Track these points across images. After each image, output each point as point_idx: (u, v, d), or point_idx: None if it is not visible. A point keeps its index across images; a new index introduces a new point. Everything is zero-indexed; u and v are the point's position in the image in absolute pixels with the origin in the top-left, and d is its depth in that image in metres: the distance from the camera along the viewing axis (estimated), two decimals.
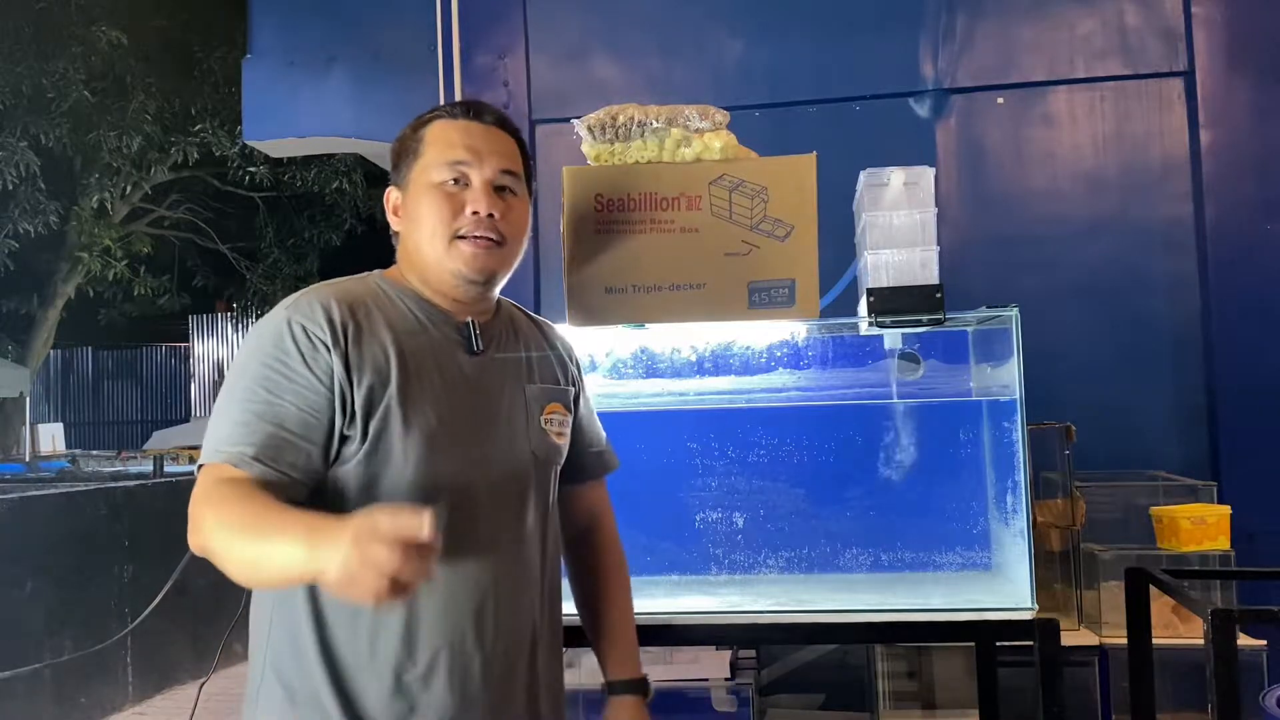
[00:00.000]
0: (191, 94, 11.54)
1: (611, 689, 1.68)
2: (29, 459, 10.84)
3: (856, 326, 2.25)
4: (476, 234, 1.49)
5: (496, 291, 1.59)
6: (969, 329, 2.30)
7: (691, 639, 2.32)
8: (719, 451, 2.33)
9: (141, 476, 6.51)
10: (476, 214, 1.49)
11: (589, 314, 1.98)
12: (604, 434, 1.79)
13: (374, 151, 4.11)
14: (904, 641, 2.83)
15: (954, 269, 2.30)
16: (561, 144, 3.40)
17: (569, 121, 2.11)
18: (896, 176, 2.16)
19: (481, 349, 1.53)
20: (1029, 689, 1.87)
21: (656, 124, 1.99)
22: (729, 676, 2.91)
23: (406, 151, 1.55)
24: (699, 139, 2.00)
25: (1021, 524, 2.02)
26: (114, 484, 5.74)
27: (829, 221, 2.00)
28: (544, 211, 3.51)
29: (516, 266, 1.58)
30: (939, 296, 2.01)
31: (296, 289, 1.54)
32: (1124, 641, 2.23)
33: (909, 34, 3.48)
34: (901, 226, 2.15)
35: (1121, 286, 3.34)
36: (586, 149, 2.05)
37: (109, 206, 12.17)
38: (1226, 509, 2.70)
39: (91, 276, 12.89)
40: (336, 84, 3.94)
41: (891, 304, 2.03)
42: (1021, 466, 2.04)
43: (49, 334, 13.41)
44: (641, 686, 1.69)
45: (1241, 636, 2.45)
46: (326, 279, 1.55)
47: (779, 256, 1.93)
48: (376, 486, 1.40)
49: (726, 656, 2.94)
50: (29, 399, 12.44)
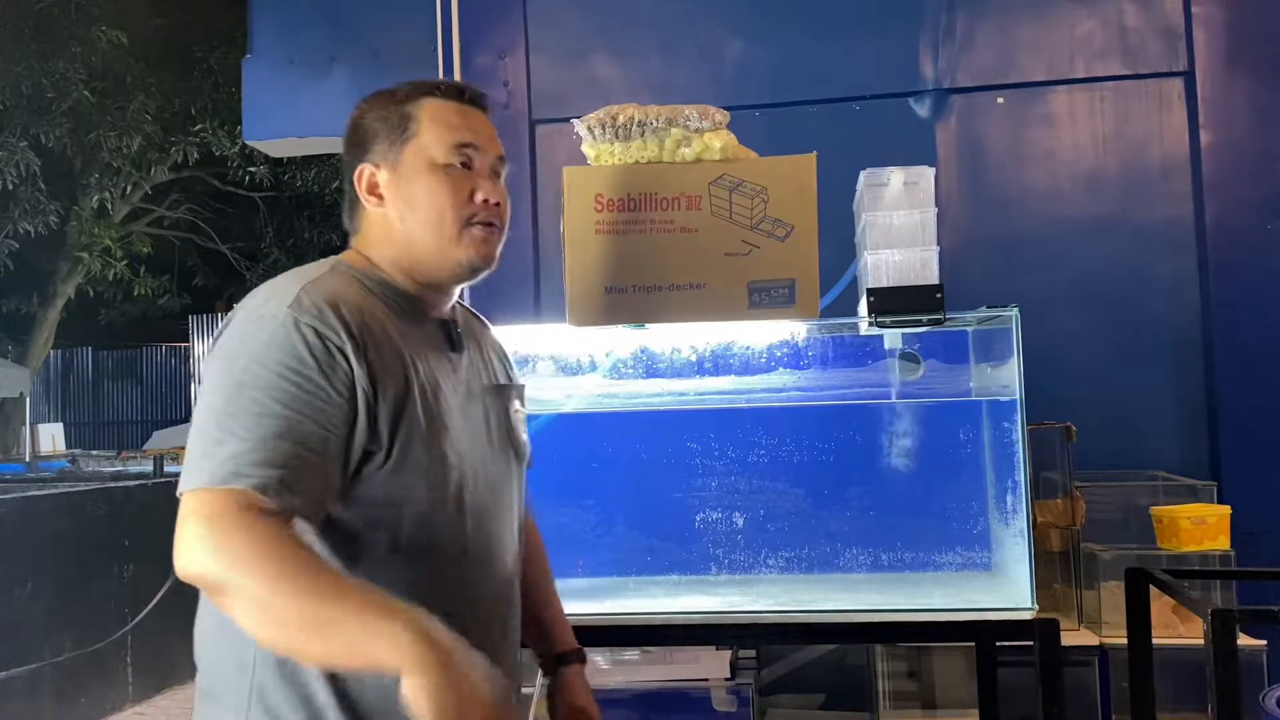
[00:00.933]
0: (191, 94, 11.55)
1: (564, 659, 1.69)
2: (29, 459, 10.83)
3: (856, 326, 2.25)
4: (487, 221, 1.43)
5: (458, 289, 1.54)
6: (969, 329, 2.30)
7: (691, 639, 2.32)
8: (719, 451, 2.33)
9: (141, 476, 6.50)
10: (487, 201, 1.43)
11: (589, 314, 1.98)
12: None
13: None
14: (904, 641, 2.83)
15: (954, 269, 2.30)
16: (561, 144, 3.40)
17: (569, 121, 2.11)
18: (896, 176, 2.16)
19: (462, 347, 1.48)
20: (1029, 689, 1.87)
21: (656, 124, 1.99)
22: (729, 676, 2.90)
23: (387, 125, 1.43)
24: (699, 139, 1.99)
25: (1021, 524, 2.02)
26: (114, 484, 5.74)
27: (829, 221, 2.00)
28: (544, 211, 3.51)
29: None
30: (939, 296, 2.01)
31: None
32: (1124, 641, 2.23)
33: (909, 34, 3.48)
34: (901, 226, 2.15)
35: (1121, 286, 3.33)
36: (586, 149, 2.05)
37: (109, 206, 12.17)
38: (1226, 509, 2.70)
39: (91, 276, 12.89)
40: (337, 84, 3.94)
41: (891, 304, 2.04)
42: (1021, 466, 2.04)
43: (49, 334, 13.41)
44: (583, 655, 1.72)
45: (1241, 636, 2.45)
46: None
47: (779, 256, 1.93)
48: (402, 500, 1.31)
49: (726, 656, 2.93)
50: (29, 399, 12.42)
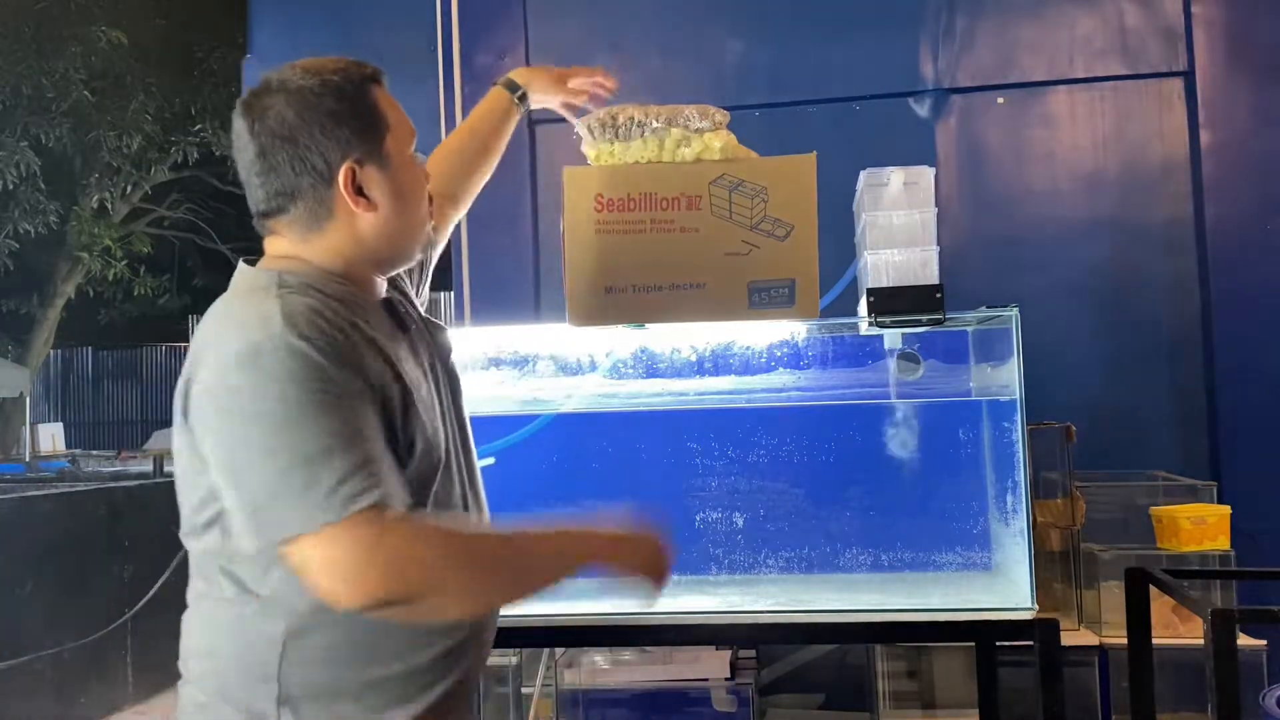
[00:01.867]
0: (191, 94, 11.55)
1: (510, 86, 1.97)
2: (29, 459, 10.83)
3: (856, 326, 2.25)
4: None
5: None
6: (969, 329, 2.30)
7: (691, 639, 2.32)
8: (719, 451, 2.33)
9: (141, 476, 6.50)
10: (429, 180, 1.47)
11: (589, 314, 1.97)
12: None
13: None
14: (904, 641, 2.83)
15: (954, 269, 2.30)
16: (561, 144, 3.39)
17: (569, 121, 2.11)
18: (896, 176, 2.16)
19: (408, 325, 1.44)
20: (1029, 689, 1.88)
21: (656, 124, 1.99)
22: (729, 676, 2.90)
23: (370, 120, 1.35)
24: (699, 139, 1.99)
25: (1021, 524, 2.02)
26: (114, 484, 5.73)
27: (829, 221, 2.00)
28: (544, 211, 3.51)
29: None
30: (939, 296, 2.01)
31: None
32: (1124, 641, 2.23)
33: (909, 34, 3.48)
34: (901, 226, 2.15)
35: (1121, 286, 3.33)
36: (586, 149, 2.05)
37: (109, 206, 12.18)
38: (1226, 509, 2.70)
39: (91, 276, 12.90)
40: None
41: (891, 304, 2.04)
42: (1021, 466, 2.04)
43: (49, 334, 13.41)
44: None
45: (1241, 636, 2.45)
46: None
47: (779, 256, 1.93)
48: (421, 483, 1.32)
49: (726, 656, 2.93)
50: (29, 399, 12.42)
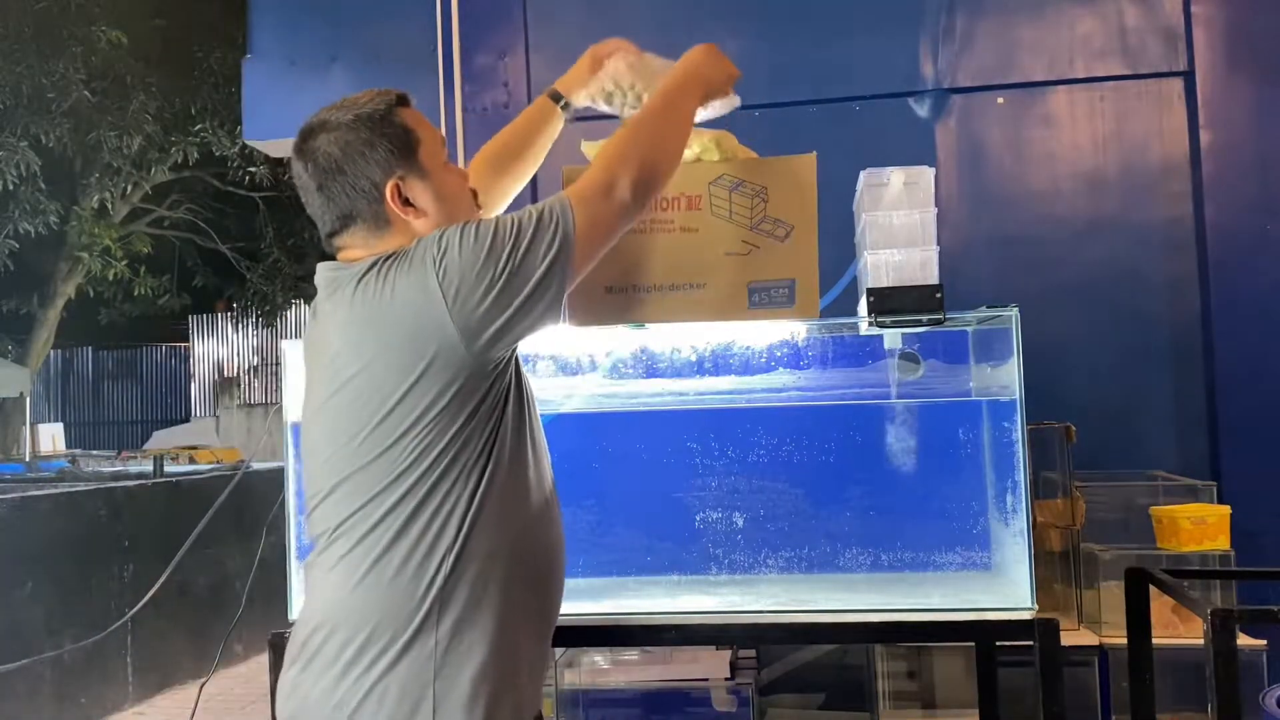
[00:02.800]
0: (191, 94, 11.53)
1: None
2: (29, 459, 10.83)
3: (856, 326, 2.25)
4: None
5: None
6: (969, 329, 2.30)
7: (691, 639, 2.32)
8: (719, 451, 2.33)
9: (141, 476, 6.50)
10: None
11: (589, 314, 1.97)
12: None
13: None
14: (904, 641, 2.83)
15: (954, 269, 2.30)
16: (562, 143, 3.39)
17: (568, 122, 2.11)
18: (896, 176, 2.16)
19: None
20: (1029, 689, 1.87)
21: None
22: (729, 676, 2.90)
23: (403, 139, 1.63)
24: (699, 139, 2.00)
25: (1021, 524, 2.02)
26: (114, 484, 5.74)
27: (829, 221, 2.00)
28: None
29: None
30: (939, 296, 2.01)
31: (297, 289, 1.53)
32: (1124, 641, 2.23)
33: (909, 34, 3.48)
34: (901, 226, 2.15)
35: (1121, 286, 3.33)
36: (586, 149, 2.05)
37: (109, 206, 12.16)
38: (1226, 509, 2.70)
39: (91, 276, 12.88)
40: (337, 84, 3.93)
41: (891, 304, 2.03)
42: (1021, 466, 2.04)
43: (49, 334, 13.39)
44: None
45: (1241, 636, 2.45)
46: None
47: (779, 256, 1.93)
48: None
49: (726, 656, 2.93)
50: (29, 399, 12.42)
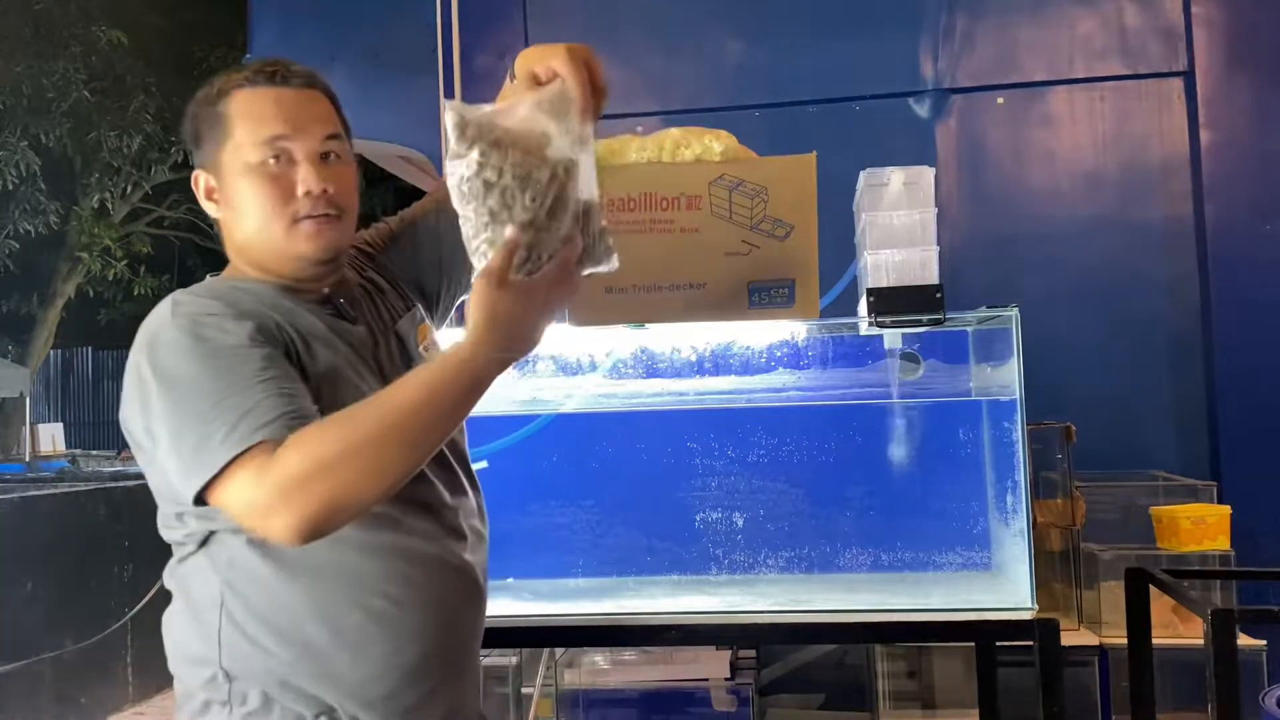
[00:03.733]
0: (191, 94, 11.47)
1: None
2: (29, 459, 10.82)
3: (856, 326, 2.25)
4: (315, 213, 1.36)
5: (344, 263, 1.48)
6: (969, 329, 2.30)
7: (691, 639, 2.32)
8: (719, 451, 2.33)
9: (141, 476, 6.49)
10: (310, 193, 1.36)
11: (589, 314, 1.97)
12: None
13: (374, 151, 4.11)
14: (904, 641, 2.83)
15: (954, 269, 2.30)
16: None
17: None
18: (896, 176, 2.16)
19: (352, 317, 1.44)
20: (1029, 689, 1.87)
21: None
22: (729, 676, 2.90)
23: (207, 127, 1.40)
24: (699, 139, 1.99)
25: (1021, 524, 2.02)
26: (114, 484, 5.73)
27: (829, 221, 1.99)
28: None
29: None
30: (939, 296, 2.01)
31: None
32: (1124, 641, 2.23)
33: (909, 34, 3.48)
34: (901, 226, 2.15)
35: (1121, 286, 3.33)
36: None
37: (109, 206, 12.16)
38: (1226, 509, 2.70)
39: (91, 276, 12.89)
40: (337, 84, 3.88)
41: (891, 304, 2.03)
42: (1021, 466, 2.04)
43: (49, 334, 13.40)
44: None
45: (1241, 636, 2.45)
46: None
47: (779, 256, 1.93)
48: None
49: (726, 656, 2.93)
50: (29, 399, 12.42)
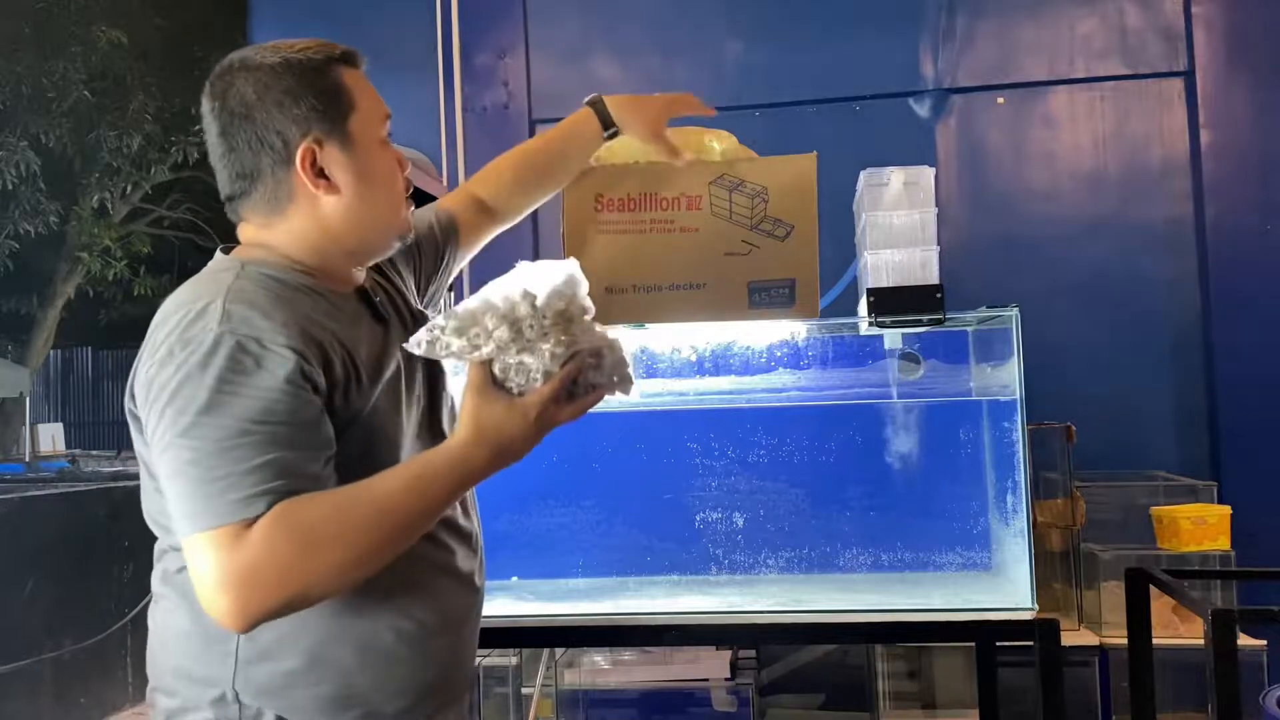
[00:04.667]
0: (191, 94, 11.45)
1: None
2: (29, 459, 10.81)
3: (856, 326, 2.25)
4: (408, 193, 1.40)
5: None
6: (969, 329, 2.30)
7: (691, 639, 2.32)
8: (719, 451, 2.33)
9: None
10: (406, 174, 1.40)
11: None
12: None
13: None
14: (904, 641, 2.83)
15: (954, 269, 2.30)
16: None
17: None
18: (896, 176, 2.16)
19: (385, 316, 1.39)
20: (1029, 689, 1.87)
21: None
22: (729, 676, 2.90)
23: (333, 98, 1.31)
24: (699, 139, 1.99)
25: (1021, 524, 2.02)
26: (114, 484, 5.72)
27: (829, 221, 2.00)
28: (544, 211, 3.50)
29: None
30: (939, 296, 2.01)
31: None
32: (1124, 641, 2.23)
33: (909, 34, 3.48)
34: (901, 226, 2.15)
35: (1121, 286, 3.34)
36: (603, 152, 2.04)
37: (109, 206, 12.15)
38: (1226, 509, 2.70)
39: (91, 276, 12.88)
40: None
41: (891, 304, 2.04)
42: (1021, 466, 2.04)
43: (49, 334, 13.39)
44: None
45: (1241, 636, 2.45)
46: None
47: (779, 256, 1.93)
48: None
49: (726, 656, 2.93)
50: (29, 399, 12.41)
